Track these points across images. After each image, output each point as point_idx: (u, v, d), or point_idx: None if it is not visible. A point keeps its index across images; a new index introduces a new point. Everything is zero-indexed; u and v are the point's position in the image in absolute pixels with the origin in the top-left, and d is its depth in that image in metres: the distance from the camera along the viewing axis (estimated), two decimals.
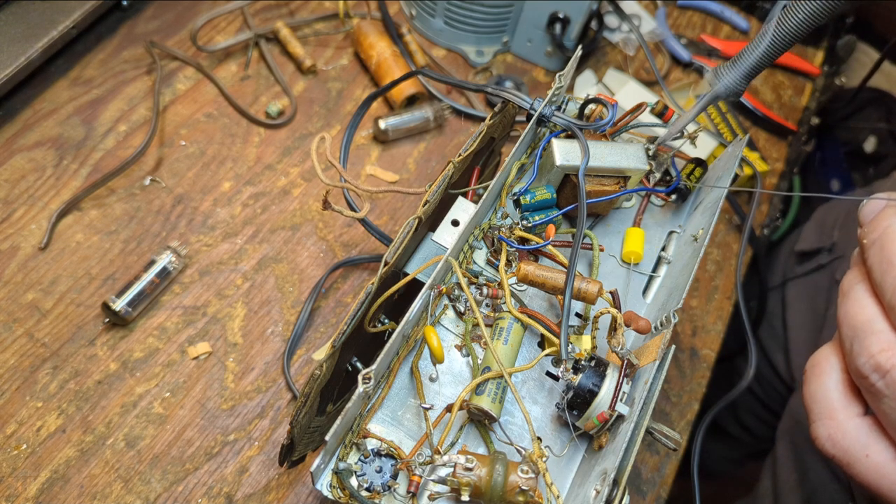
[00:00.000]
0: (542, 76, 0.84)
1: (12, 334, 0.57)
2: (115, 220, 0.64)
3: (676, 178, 0.55)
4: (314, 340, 0.62)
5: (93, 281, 0.60)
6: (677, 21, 0.96)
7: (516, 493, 0.39)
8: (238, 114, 0.73)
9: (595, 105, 0.54)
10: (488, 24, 0.81)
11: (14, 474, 0.52)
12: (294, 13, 0.82)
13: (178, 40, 0.76)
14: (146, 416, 0.56)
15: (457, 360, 0.46)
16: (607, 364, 0.43)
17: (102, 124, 0.69)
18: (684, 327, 0.71)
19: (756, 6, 0.98)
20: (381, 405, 0.44)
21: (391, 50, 0.77)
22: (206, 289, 0.62)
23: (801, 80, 0.95)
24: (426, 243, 0.48)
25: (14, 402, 0.54)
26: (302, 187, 0.70)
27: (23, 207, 0.63)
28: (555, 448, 0.45)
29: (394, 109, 0.76)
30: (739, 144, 0.54)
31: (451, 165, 0.46)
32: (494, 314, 0.47)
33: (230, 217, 0.66)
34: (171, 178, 0.67)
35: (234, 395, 0.58)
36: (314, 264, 0.65)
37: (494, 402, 0.41)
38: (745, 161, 0.77)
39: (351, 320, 0.40)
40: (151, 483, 0.53)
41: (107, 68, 0.73)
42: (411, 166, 0.74)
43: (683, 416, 0.67)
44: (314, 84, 0.77)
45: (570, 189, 0.50)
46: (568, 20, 0.77)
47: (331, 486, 0.40)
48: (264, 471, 0.55)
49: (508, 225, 0.50)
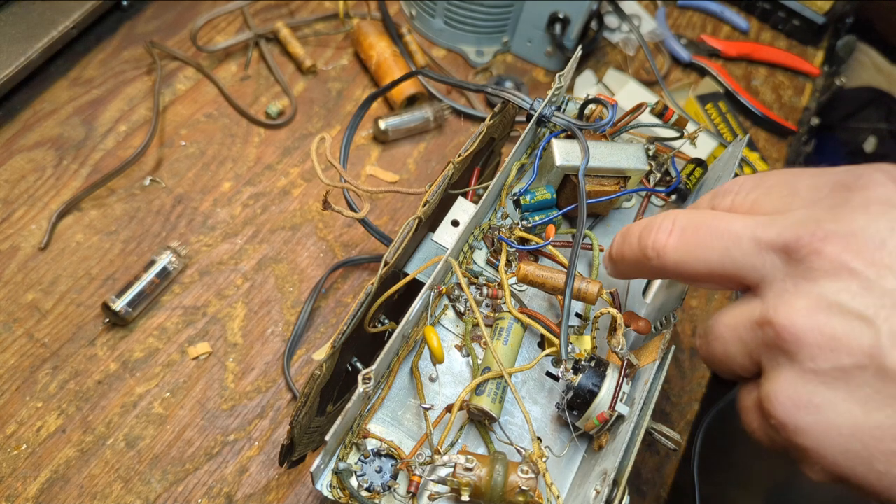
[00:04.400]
0: (542, 76, 0.84)
1: (12, 334, 0.57)
2: (115, 221, 0.64)
3: (676, 179, 0.55)
4: (314, 340, 0.62)
5: (93, 281, 0.60)
6: (677, 21, 0.96)
7: (516, 494, 0.39)
8: (238, 114, 0.73)
9: (595, 105, 0.54)
10: (488, 24, 0.81)
11: (14, 474, 0.52)
12: (294, 13, 0.82)
13: (178, 40, 0.76)
14: (146, 417, 0.56)
15: (457, 360, 0.46)
16: (607, 364, 0.43)
17: (102, 124, 0.69)
18: (684, 327, 0.71)
19: (756, 6, 0.98)
20: (381, 405, 0.44)
21: (391, 50, 0.77)
22: (206, 289, 0.62)
23: (801, 80, 0.95)
24: (426, 243, 0.48)
25: (14, 402, 0.54)
26: (302, 187, 0.70)
27: (23, 207, 0.63)
28: (555, 448, 0.45)
29: (394, 109, 0.76)
30: (739, 144, 0.54)
31: (451, 166, 0.46)
32: (494, 314, 0.47)
33: (230, 217, 0.66)
34: (171, 178, 0.67)
35: (234, 395, 0.58)
36: (314, 264, 0.65)
37: (494, 403, 0.41)
38: (745, 161, 0.77)
39: (351, 320, 0.40)
40: (151, 483, 0.53)
41: (107, 68, 0.73)
42: (411, 166, 0.74)
43: (683, 416, 0.67)
44: (314, 84, 0.77)
45: (570, 189, 0.50)
46: (568, 20, 0.77)
47: (331, 486, 0.40)
48: (264, 471, 0.55)
49: (508, 225, 0.50)
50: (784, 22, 0.98)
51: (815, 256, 0.30)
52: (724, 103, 0.85)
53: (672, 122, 0.54)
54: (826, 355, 0.29)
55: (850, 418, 0.29)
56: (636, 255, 0.38)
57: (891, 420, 0.28)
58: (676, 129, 0.55)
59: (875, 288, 0.29)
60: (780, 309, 0.31)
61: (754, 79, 0.93)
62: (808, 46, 0.99)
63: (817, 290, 0.30)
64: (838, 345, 0.29)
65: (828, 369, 0.29)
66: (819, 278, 0.30)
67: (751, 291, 0.34)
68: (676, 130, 0.55)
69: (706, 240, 0.34)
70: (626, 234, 0.39)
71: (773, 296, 0.32)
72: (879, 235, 0.29)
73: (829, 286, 0.30)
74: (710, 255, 0.34)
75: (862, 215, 0.30)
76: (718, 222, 0.34)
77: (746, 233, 0.32)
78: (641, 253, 0.37)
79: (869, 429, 0.28)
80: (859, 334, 0.29)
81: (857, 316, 0.29)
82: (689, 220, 0.35)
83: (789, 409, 0.30)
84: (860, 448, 0.29)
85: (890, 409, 0.28)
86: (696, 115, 0.84)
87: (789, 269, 0.31)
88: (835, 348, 0.29)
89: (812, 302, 0.30)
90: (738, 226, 0.33)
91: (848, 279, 0.29)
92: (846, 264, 0.29)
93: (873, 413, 0.28)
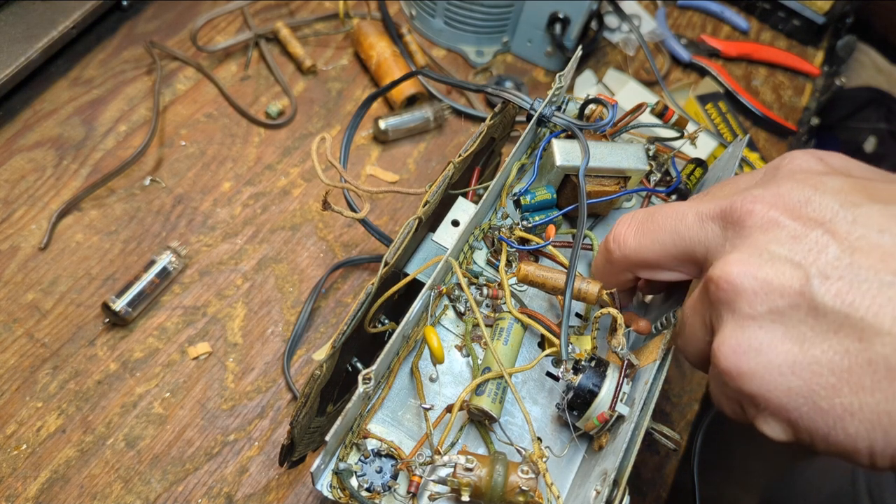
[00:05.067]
0: (542, 76, 0.84)
1: (12, 334, 0.57)
2: (115, 221, 0.64)
3: (676, 179, 0.55)
4: (314, 341, 0.62)
5: (93, 281, 0.60)
6: (677, 21, 0.96)
7: (516, 494, 0.39)
8: (238, 114, 0.73)
9: (595, 105, 0.54)
10: (488, 24, 0.81)
11: (14, 474, 0.52)
12: (294, 13, 0.82)
13: (178, 40, 0.76)
14: (146, 417, 0.56)
15: (457, 360, 0.46)
16: (607, 364, 0.43)
17: (102, 124, 0.69)
18: None
19: (756, 6, 0.98)
20: (381, 405, 0.44)
21: (391, 50, 0.77)
22: (206, 289, 0.62)
23: (801, 80, 0.95)
24: (426, 243, 0.48)
25: (14, 402, 0.54)
26: (302, 187, 0.70)
27: (23, 207, 0.63)
28: (555, 448, 0.45)
29: (394, 109, 0.76)
30: (739, 145, 0.54)
31: (451, 166, 0.46)
32: (494, 314, 0.47)
33: (230, 217, 0.66)
34: (171, 179, 0.67)
35: (234, 395, 0.58)
36: (314, 264, 0.65)
37: (494, 403, 0.41)
38: (745, 161, 0.77)
39: (351, 320, 0.40)
40: (151, 483, 0.53)
41: (107, 68, 0.73)
42: (411, 166, 0.74)
43: (683, 416, 0.67)
44: (314, 84, 0.77)
45: (570, 189, 0.50)
46: (568, 20, 0.77)
47: (331, 486, 0.40)
48: (264, 471, 0.55)
49: (508, 225, 0.50)
50: (784, 22, 0.98)
51: (748, 216, 0.33)
52: (724, 103, 0.85)
53: (672, 122, 0.54)
54: (761, 299, 0.31)
55: (789, 356, 0.30)
56: (603, 253, 0.41)
57: (826, 355, 0.29)
58: (676, 129, 0.55)
59: (802, 237, 0.31)
60: (718, 264, 0.33)
61: (754, 79, 0.93)
62: (808, 46, 0.99)
63: (749, 242, 0.32)
64: (771, 288, 0.31)
65: (763, 312, 0.31)
66: (751, 234, 0.32)
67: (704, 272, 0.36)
68: (676, 130, 0.55)
69: (659, 222, 0.38)
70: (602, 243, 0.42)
71: (715, 258, 0.34)
72: (804, 193, 0.32)
73: (761, 238, 0.32)
74: (663, 237, 0.37)
75: (787, 181, 0.33)
76: (668, 207, 0.38)
77: (690, 210, 0.36)
78: (605, 247, 0.41)
79: (807, 364, 0.29)
80: (790, 276, 0.30)
81: (788, 261, 0.30)
82: (645, 211, 0.39)
83: (731, 356, 0.32)
84: (801, 385, 0.30)
85: (825, 343, 0.29)
86: (696, 115, 0.84)
87: (727, 233, 0.34)
88: (769, 291, 0.31)
89: (745, 254, 0.32)
90: (683, 206, 0.37)
91: (777, 230, 0.31)
92: (774, 219, 0.32)
93: (810, 349, 0.29)
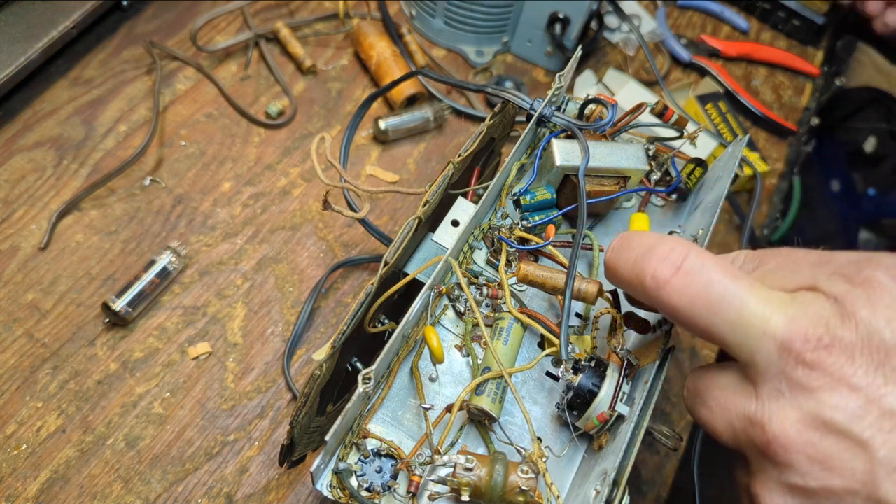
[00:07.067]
0: (542, 76, 0.84)
1: (12, 334, 0.57)
2: (115, 221, 0.64)
3: (676, 178, 0.55)
4: (314, 340, 0.62)
5: (93, 281, 0.60)
6: (677, 21, 0.96)
7: (516, 494, 0.39)
8: (238, 114, 0.73)
9: (595, 105, 0.54)
10: (488, 24, 0.81)
11: (14, 474, 0.52)
12: (294, 13, 0.82)
13: (178, 40, 0.76)
14: (146, 417, 0.56)
15: (457, 360, 0.46)
16: (607, 364, 0.43)
17: (102, 124, 0.69)
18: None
19: (756, 6, 0.98)
20: (381, 405, 0.44)
21: (391, 50, 0.77)
22: (206, 289, 0.62)
23: (801, 80, 0.95)
24: (426, 243, 0.48)
25: (14, 402, 0.54)
26: (302, 187, 0.70)
27: (23, 207, 0.63)
28: (555, 448, 0.45)
29: (394, 109, 0.76)
30: (739, 144, 0.54)
31: (451, 166, 0.46)
32: (494, 314, 0.47)
33: (230, 217, 0.66)
34: (171, 179, 0.67)
35: (234, 395, 0.58)
36: (314, 264, 0.65)
37: (494, 403, 0.41)
38: (745, 161, 0.77)
39: (351, 320, 0.40)
40: (151, 483, 0.53)
41: (107, 68, 0.73)
42: (411, 166, 0.74)
43: (683, 416, 0.67)
44: (314, 84, 0.77)
45: (570, 189, 0.50)
46: (568, 20, 0.77)
47: (331, 486, 0.40)
48: (264, 471, 0.55)
49: (508, 225, 0.50)
50: (784, 22, 0.98)
51: (818, 366, 0.29)
52: (724, 103, 0.85)
53: (672, 122, 0.54)
54: (817, 474, 0.29)
55: None
56: (630, 277, 0.35)
57: None
58: (676, 129, 0.55)
59: (874, 407, 0.28)
60: (774, 418, 0.30)
61: (754, 79, 0.93)
62: (808, 46, 0.99)
63: (814, 403, 0.29)
64: (831, 466, 0.28)
65: (817, 488, 0.29)
66: (817, 390, 0.29)
67: (742, 366, 0.33)
68: (676, 130, 0.55)
69: (714, 301, 0.31)
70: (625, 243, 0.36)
71: (768, 395, 0.31)
72: (885, 346, 0.28)
73: (827, 400, 0.28)
74: (714, 320, 0.32)
75: (865, 321, 0.28)
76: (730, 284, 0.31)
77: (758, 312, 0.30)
78: (637, 277, 0.35)
79: None
80: (853, 458, 0.28)
81: (853, 438, 0.28)
82: (701, 267, 0.32)
83: None
84: None
85: None
86: (696, 115, 0.84)
87: (787, 367, 0.30)
88: (827, 468, 0.28)
89: (807, 416, 0.29)
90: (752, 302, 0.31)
91: (847, 395, 0.28)
92: (847, 379, 0.28)
93: None
